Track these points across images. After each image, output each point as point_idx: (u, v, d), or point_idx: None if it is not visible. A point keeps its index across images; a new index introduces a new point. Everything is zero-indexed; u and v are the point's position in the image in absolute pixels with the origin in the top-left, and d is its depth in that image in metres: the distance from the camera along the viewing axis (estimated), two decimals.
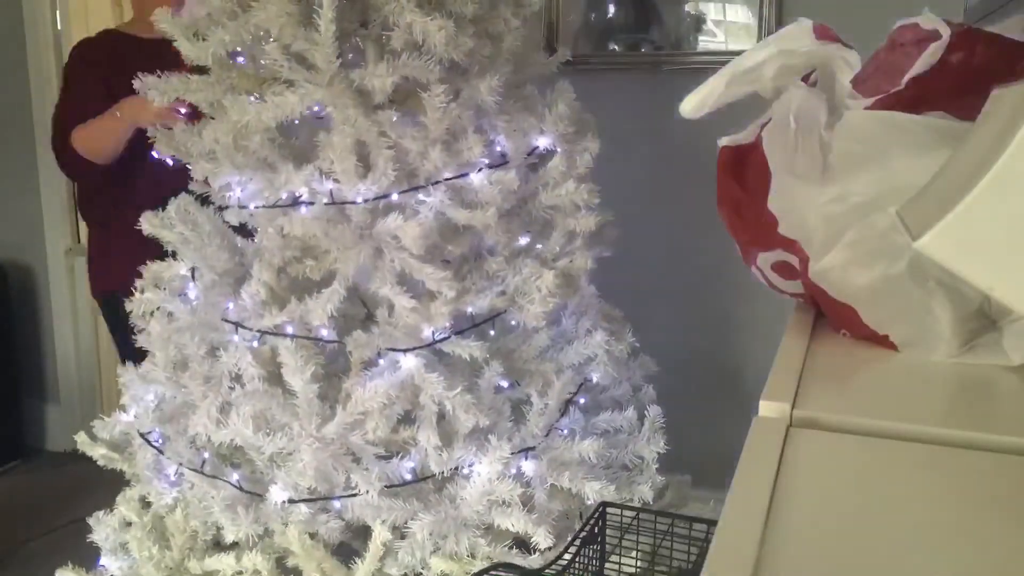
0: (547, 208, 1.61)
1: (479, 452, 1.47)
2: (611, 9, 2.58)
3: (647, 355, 1.88)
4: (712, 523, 1.40)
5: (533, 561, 1.47)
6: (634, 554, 1.47)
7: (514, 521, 1.46)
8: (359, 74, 1.42)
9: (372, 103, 1.45)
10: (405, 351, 1.46)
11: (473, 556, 1.47)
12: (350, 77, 1.42)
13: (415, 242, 1.42)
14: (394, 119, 1.45)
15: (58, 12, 3.21)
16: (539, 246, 1.62)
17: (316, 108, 1.47)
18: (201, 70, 1.54)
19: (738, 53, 1.00)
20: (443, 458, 1.48)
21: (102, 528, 1.71)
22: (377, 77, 1.41)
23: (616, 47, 2.59)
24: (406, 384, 1.46)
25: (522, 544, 1.52)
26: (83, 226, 3.34)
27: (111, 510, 1.72)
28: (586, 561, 1.41)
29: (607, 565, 1.46)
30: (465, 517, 1.47)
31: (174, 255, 1.67)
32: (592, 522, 1.44)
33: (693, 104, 0.98)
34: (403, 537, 1.49)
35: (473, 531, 1.48)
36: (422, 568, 1.48)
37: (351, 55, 1.52)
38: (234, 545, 1.55)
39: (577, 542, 1.38)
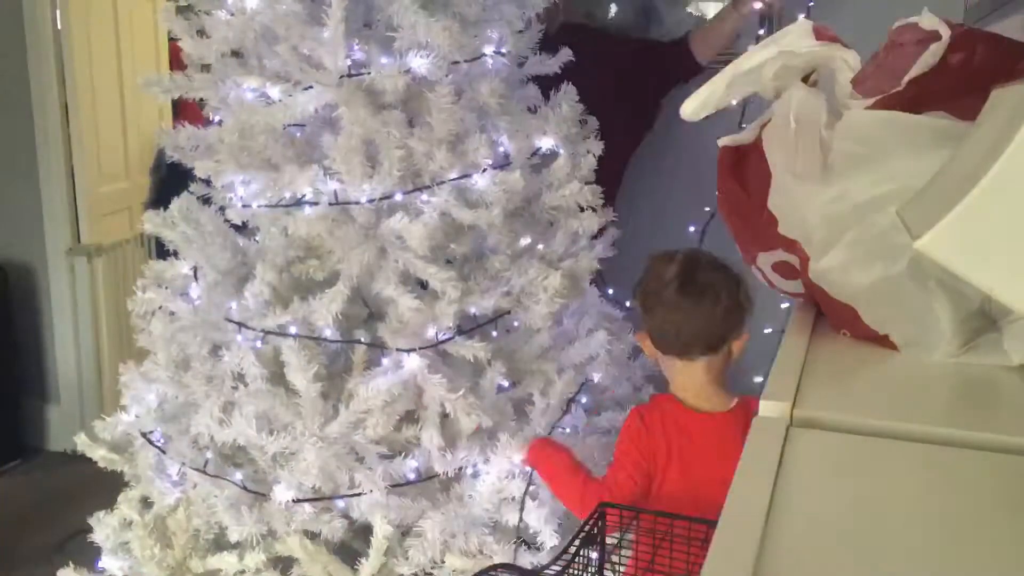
0: (551, 209, 1.61)
1: (483, 452, 1.48)
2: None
3: None
4: (712, 523, 1.40)
5: (540, 559, 1.47)
6: (633, 555, 1.47)
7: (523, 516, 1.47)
8: (369, 75, 1.41)
9: (381, 103, 1.45)
10: (408, 351, 1.46)
11: (483, 552, 1.48)
12: (360, 77, 1.41)
13: (420, 242, 1.42)
14: (399, 119, 1.45)
15: (58, 12, 3.21)
16: (541, 247, 1.62)
17: (325, 108, 1.47)
18: None
19: (739, 54, 1.00)
20: (447, 458, 1.48)
21: (103, 528, 1.71)
22: (389, 77, 1.41)
23: None
24: (409, 383, 1.46)
25: (526, 544, 1.52)
26: (83, 226, 3.35)
27: (111, 510, 1.72)
28: (585, 562, 1.40)
29: (606, 566, 1.46)
30: (475, 515, 1.47)
31: (176, 254, 1.67)
32: (591, 523, 1.43)
33: (694, 106, 0.98)
34: (406, 534, 1.49)
35: (481, 529, 1.48)
36: (433, 567, 1.48)
37: (356, 55, 1.53)
38: (236, 544, 1.55)
39: (576, 543, 1.37)
